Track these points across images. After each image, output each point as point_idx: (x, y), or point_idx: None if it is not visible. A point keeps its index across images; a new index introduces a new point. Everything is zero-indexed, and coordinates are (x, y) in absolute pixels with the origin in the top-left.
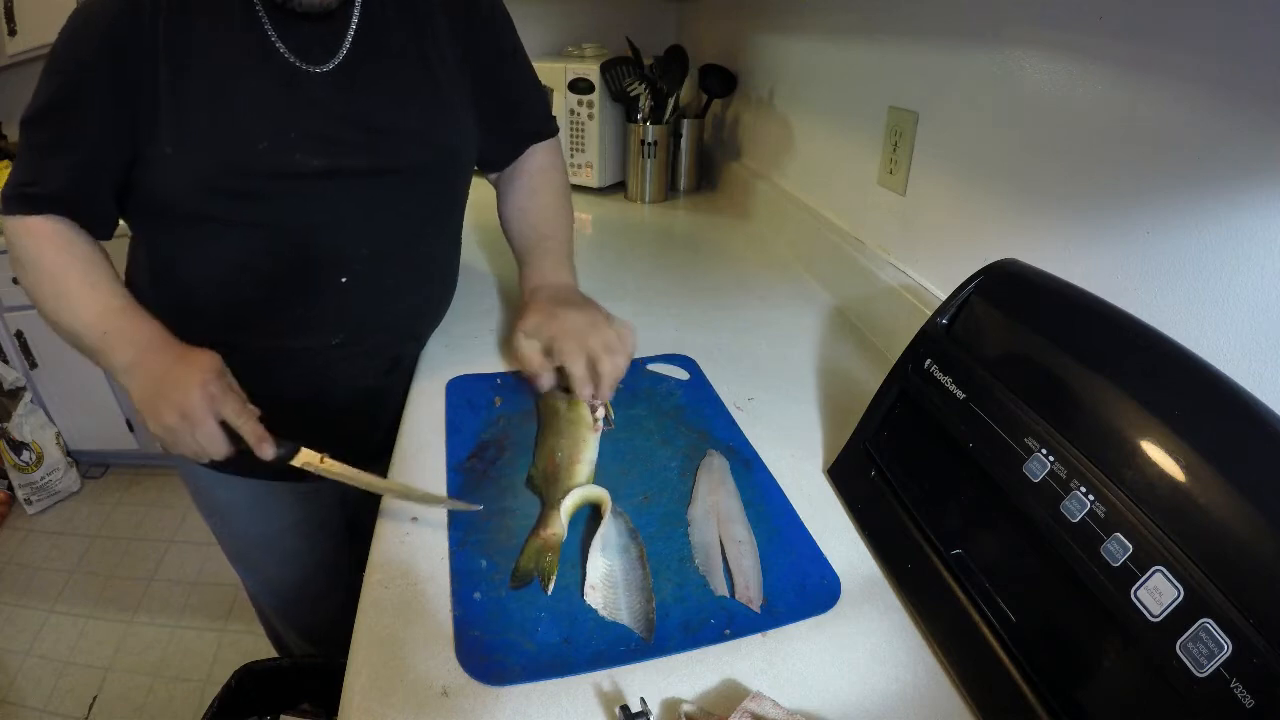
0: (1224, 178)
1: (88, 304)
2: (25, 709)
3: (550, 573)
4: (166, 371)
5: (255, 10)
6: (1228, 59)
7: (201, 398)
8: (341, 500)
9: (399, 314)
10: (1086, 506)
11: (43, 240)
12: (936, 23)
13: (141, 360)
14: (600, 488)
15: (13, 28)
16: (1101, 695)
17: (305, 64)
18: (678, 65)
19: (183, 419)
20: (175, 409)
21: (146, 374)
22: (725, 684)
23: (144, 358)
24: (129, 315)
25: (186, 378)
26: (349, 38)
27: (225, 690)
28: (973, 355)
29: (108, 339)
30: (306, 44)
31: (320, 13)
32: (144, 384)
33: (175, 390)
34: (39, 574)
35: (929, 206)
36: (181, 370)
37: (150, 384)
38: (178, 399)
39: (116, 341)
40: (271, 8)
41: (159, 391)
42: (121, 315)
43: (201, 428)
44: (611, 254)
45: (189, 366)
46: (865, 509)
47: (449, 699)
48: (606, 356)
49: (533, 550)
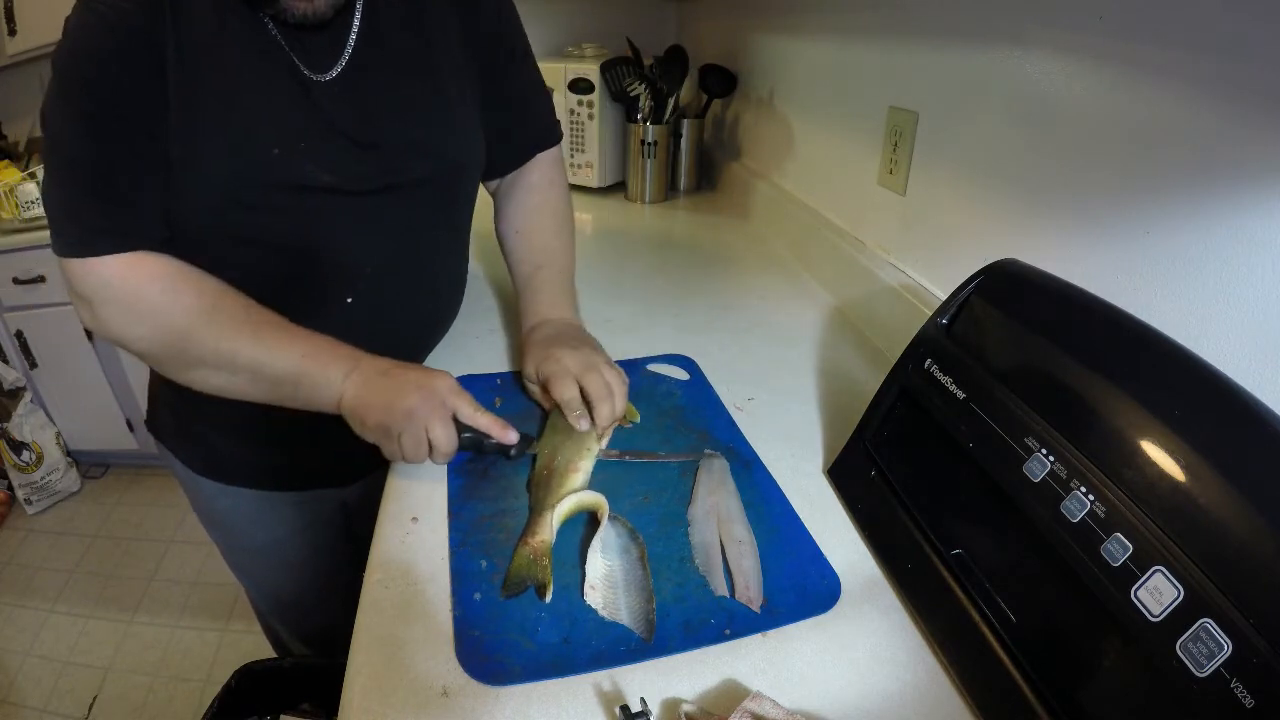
0: (1224, 178)
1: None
2: (25, 709)
3: (546, 581)
4: (393, 368)
5: (260, 15)
6: (1228, 59)
7: (447, 388)
8: (342, 507)
9: (404, 331)
10: (1086, 506)
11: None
12: (937, 23)
13: (359, 364)
14: (597, 493)
15: (13, 28)
16: (1101, 695)
17: (313, 72)
18: (678, 65)
19: (425, 402)
20: (417, 394)
21: (372, 372)
22: (725, 684)
23: (361, 362)
24: (313, 334)
25: (426, 376)
26: (349, 44)
27: (225, 690)
28: (973, 355)
29: (309, 361)
30: (312, 50)
31: (314, 23)
32: (368, 381)
33: (416, 378)
34: (39, 574)
35: (929, 206)
36: (417, 371)
37: (378, 380)
38: (421, 384)
39: (322, 359)
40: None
41: (393, 386)
42: (311, 337)
43: (439, 418)
44: (611, 254)
45: (423, 369)
46: (865, 509)
47: (449, 699)
48: (600, 403)
49: (523, 560)
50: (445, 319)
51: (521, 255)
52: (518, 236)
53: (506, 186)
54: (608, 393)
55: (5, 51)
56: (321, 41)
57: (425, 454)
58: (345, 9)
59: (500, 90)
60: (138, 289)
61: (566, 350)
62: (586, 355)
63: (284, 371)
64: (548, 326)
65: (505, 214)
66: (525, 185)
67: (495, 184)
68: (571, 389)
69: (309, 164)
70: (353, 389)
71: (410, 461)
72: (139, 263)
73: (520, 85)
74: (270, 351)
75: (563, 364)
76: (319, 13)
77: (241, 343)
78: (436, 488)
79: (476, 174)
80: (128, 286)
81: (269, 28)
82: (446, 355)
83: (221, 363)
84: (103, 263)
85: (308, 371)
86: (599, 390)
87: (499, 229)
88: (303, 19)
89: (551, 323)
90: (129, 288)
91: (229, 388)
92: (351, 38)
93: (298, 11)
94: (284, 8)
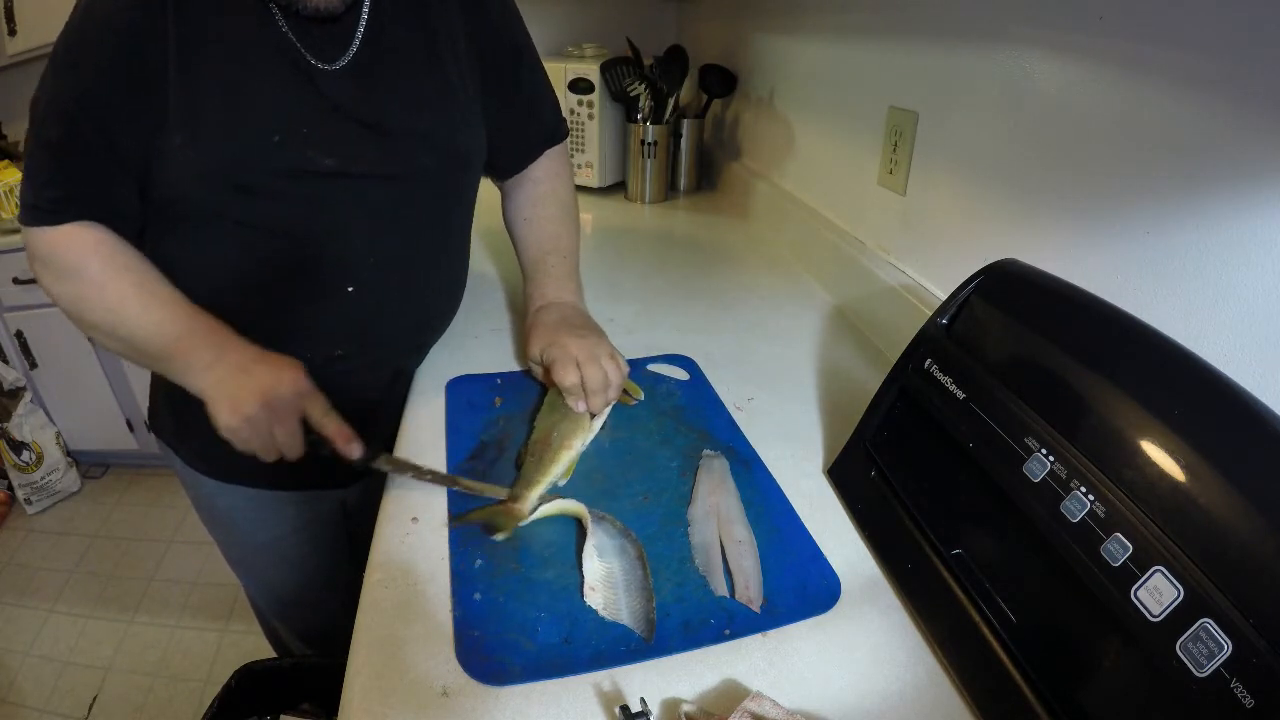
0: (1224, 178)
1: (151, 312)
2: (25, 709)
3: (502, 531)
4: (253, 364)
5: (267, 5)
6: (1228, 59)
7: (291, 391)
8: (342, 506)
9: (403, 325)
10: (1086, 506)
11: (84, 249)
12: (937, 23)
13: (223, 357)
14: (576, 501)
15: (13, 28)
16: (1101, 695)
17: (319, 60)
18: (678, 65)
19: (265, 408)
20: (259, 398)
21: (230, 366)
22: (725, 684)
23: (226, 355)
24: (201, 318)
25: (276, 373)
26: (357, 37)
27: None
28: (973, 355)
29: (182, 343)
30: (319, 38)
31: (327, 16)
32: (225, 376)
33: (263, 380)
34: (39, 574)
35: (929, 206)
36: (269, 366)
37: (234, 376)
38: (265, 388)
39: (193, 344)
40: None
41: (243, 383)
42: (193, 319)
43: (284, 421)
44: (611, 254)
45: (277, 364)
46: (865, 509)
47: (449, 699)
48: (595, 395)
49: (496, 512)
50: (443, 320)
51: (529, 242)
52: (525, 224)
53: (514, 181)
54: (604, 385)
55: (5, 51)
56: (329, 33)
57: (274, 455)
58: (355, 3)
59: (506, 90)
60: (59, 251)
61: (573, 338)
62: (591, 344)
63: (158, 348)
64: (554, 310)
65: (513, 205)
66: (532, 178)
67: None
68: (573, 375)
69: (311, 150)
70: (211, 381)
71: (264, 459)
72: (69, 231)
73: (527, 85)
74: (149, 326)
75: (567, 350)
76: (332, 6)
77: (126, 313)
78: (436, 488)
79: (478, 171)
80: (53, 250)
81: (275, 19)
82: (446, 355)
83: (109, 328)
84: (44, 231)
85: (178, 353)
86: (596, 382)
87: (507, 219)
88: (315, 12)
89: (557, 306)
90: (53, 250)
91: (123, 355)
92: (359, 30)
93: (311, 3)
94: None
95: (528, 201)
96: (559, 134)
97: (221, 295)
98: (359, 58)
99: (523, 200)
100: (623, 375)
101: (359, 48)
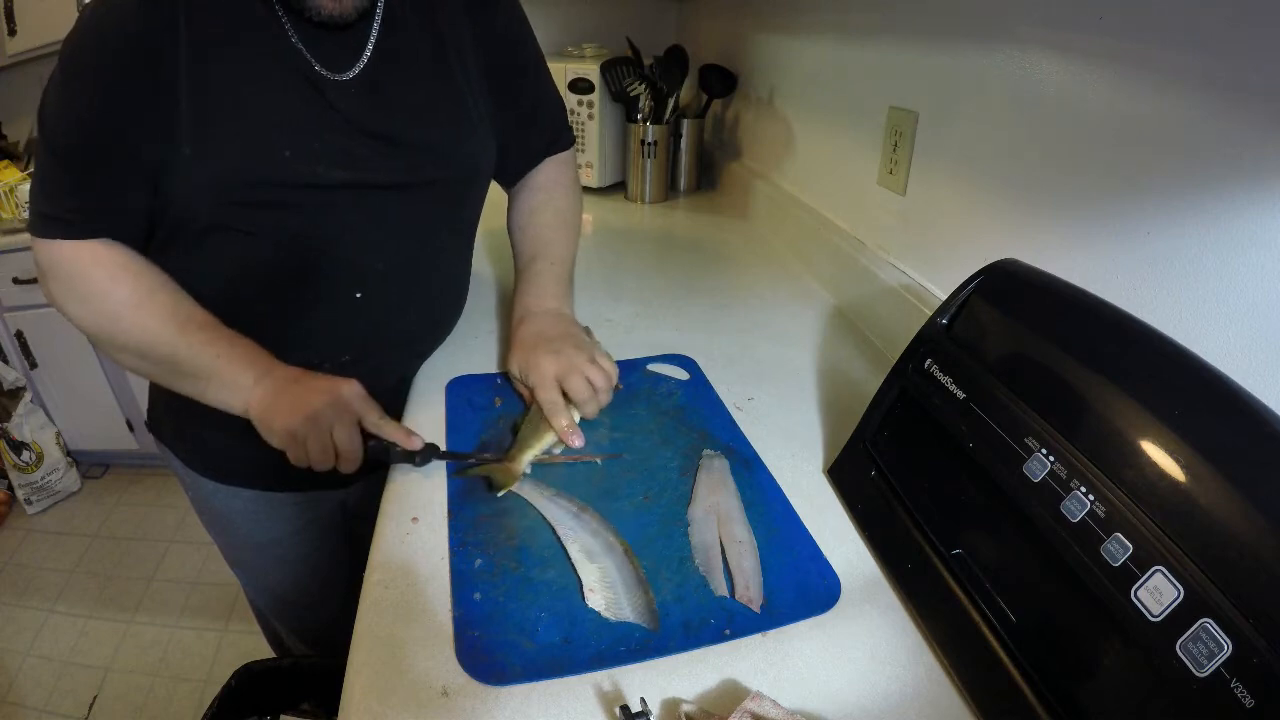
0: (1224, 178)
1: (189, 334)
2: (25, 709)
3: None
4: (304, 376)
5: (278, 14)
6: (1228, 59)
7: (353, 393)
8: (342, 506)
9: (409, 330)
10: (1086, 506)
11: (110, 272)
12: (937, 23)
13: (270, 372)
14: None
15: (13, 28)
16: (1101, 695)
17: (329, 71)
18: (678, 65)
19: (331, 405)
20: (325, 396)
21: (280, 379)
22: (725, 684)
23: (273, 370)
24: (240, 339)
25: (333, 383)
26: (369, 46)
27: (225, 690)
28: (973, 355)
29: (222, 362)
30: (329, 50)
31: (339, 24)
32: (277, 388)
33: (323, 383)
34: (39, 574)
35: (929, 206)
36: (327, 379)
37: (287, 386)
38: (328, 388)
39: (235, 364)
40: (291, 14)
41: (301, 389)
42: (233, 340)
43: (345, 422)
44: (611, 254)
45: (332, 378)
46: (865, 509)
47: (449, 699)
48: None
49: (498, 469)
50: (448, 322)
51: (521, 249)
52: (520, 232)
53: (517, 187)
54: (590, 394)
55: (5, 51)
56: (340, 43)
57: (331, 459)
58: (367, 12)
59: (513, 96)
60: (82, 272)
61: (547, 355)
62: (567, 358)
63: (197, 368)
64: (531, 322)
65: (513, 211)
66: (532, 186)
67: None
68: (555, 395)
69: (321, 164)
70: (261, 394)
71: (317, 467)
72: (89, 249)
73: (532, 92)
74: (189, 348)
75: (542, 372)
76: (345, 13)
77: (163, 335)
78: (436, 488)
79: (487, 177)
80: (74, 269)
81: (286, 30)
82: (446, 355)
83: (143, 350)
84: (58, 245)
85: (220, 372)
86: (581, 394)
87: (508, 225)
88: (329, 19)
89: (535, 316)
90: (74, 270)
91: (150, 374)
92: (371, 40)
93: (324, 10)
94: (311, 5)
95: (526, 209)
96: (562, 141)
97: (228, 302)
98: (369, 68)
99: (522, 208)
100: (610, 377)
101: (370, 57)
